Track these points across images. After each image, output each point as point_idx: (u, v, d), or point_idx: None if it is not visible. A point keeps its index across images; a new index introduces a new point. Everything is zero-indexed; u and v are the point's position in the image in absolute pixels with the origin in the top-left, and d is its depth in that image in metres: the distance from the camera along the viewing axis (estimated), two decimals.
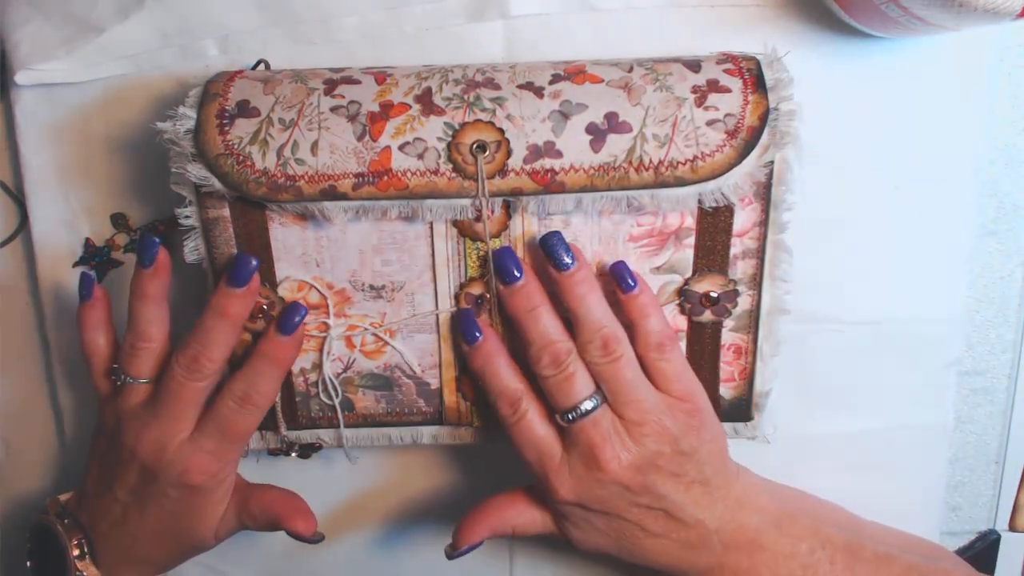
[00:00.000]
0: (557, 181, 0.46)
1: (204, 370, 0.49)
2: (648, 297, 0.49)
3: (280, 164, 0.46)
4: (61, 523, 0.53)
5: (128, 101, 0.56)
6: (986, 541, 0.63)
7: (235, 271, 0.48)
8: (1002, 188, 0.56)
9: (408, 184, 0.46)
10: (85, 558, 0.52)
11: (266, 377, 0.49)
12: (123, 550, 0.52)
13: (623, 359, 0.48)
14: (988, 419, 0.61)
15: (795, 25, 0.52)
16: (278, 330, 0.49)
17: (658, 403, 0.48)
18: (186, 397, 0.49)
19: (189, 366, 0.49)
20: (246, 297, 0.49)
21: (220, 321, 0.49)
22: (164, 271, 0.50)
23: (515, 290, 0.49)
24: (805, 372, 0.56)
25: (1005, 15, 0.40)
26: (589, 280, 0.48)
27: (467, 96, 0.47)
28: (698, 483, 0.49)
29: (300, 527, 0.52)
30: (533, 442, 0.49)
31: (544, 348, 0.48)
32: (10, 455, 0.64)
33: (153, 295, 0.50)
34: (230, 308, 0.48)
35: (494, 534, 0.52)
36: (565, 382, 0.48)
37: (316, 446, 0.55)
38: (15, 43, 0.54)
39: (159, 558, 0.54)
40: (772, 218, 0.48)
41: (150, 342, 0.50)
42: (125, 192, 0.58)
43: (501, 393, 0.49)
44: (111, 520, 0.52)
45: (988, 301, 0.58)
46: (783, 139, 0.46)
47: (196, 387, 0.49)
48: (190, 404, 0.49)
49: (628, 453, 0.47)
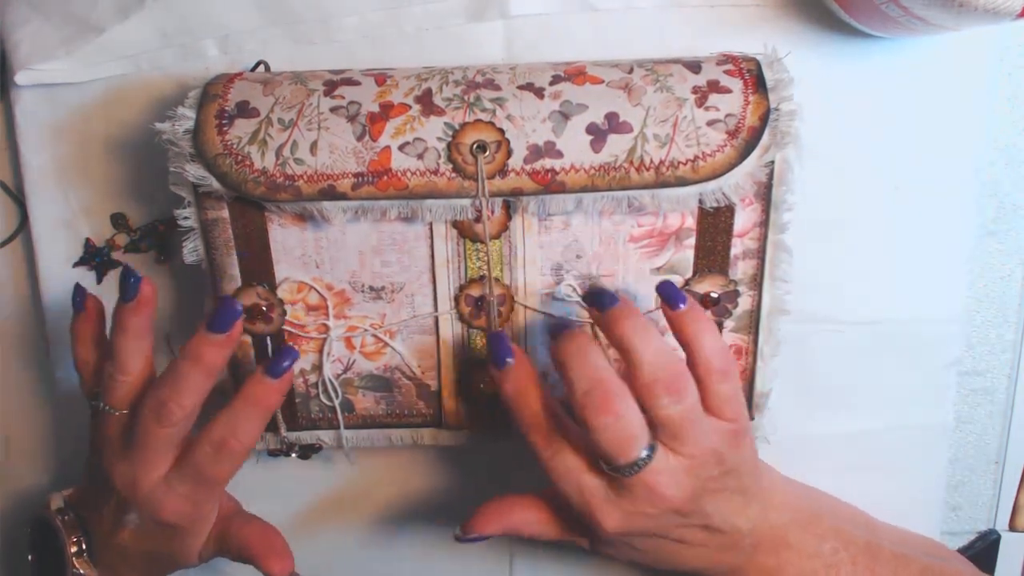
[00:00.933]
0: (557, 181, 0.46)
1: (173, 417, 0.46)
2: (700, 313, 0.46)
3: (279, 164, 0.46)
4: (61, 519, 0.52)
5: (128, 101, 0.55)
6: (986, 541, 0.63)
7: (216, 316, 0.46)
8: (1002, 188, 0.56)
9: (408, 184, 0.46)
10: (83, 555, 0.52)
11: (248, 422, 0.47)
12: (117, 554, 0.52)
13: (690, 403, 0.44)
14: (988, 419, 0.61)
15: (795, 25, 0.52)
16: (266, 373, 0.47)
17: (712, 433, 0.45)
18: (154, 443, 0.47)
19: (158, 411, 0.46)
20: (225, 345, 0.46)
21: (194, 368, 0.46)
22: (147, 305, 0.47)
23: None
24: (805, 372, 0.56)
25: (1005, 15, 0.40)
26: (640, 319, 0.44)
27: (467, 96, 0.47)
28: (738, 493, 0.48)
29: (275, 569, 0.50)
30: (572, 478, 0.45)
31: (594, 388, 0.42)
32: (10, 455, 0.64)
33: (134, 329, 0.48)
34: (206, 355, 0.46)
35: (507, 533, 0.50)
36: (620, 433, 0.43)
37: (316, 447, 0.55)
38: (15, 43, 0.54)
39: (151, 569, 0.53)
40: (772, 218, 0.48)
41: (128, 375, 0.48)
42: (125, 192, 0.58)
43: (533, 426, 0.45)
44: (103, 531, 0.52)
45: (988, 301, 0.58)
46: (784, 139, 0.46)
47: (165, 432, 0.47)
48: (159, 448, 0.47)
49: (684, 487, 0.45)
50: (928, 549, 0.56)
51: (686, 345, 0.45)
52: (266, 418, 0.48)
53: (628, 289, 0.50)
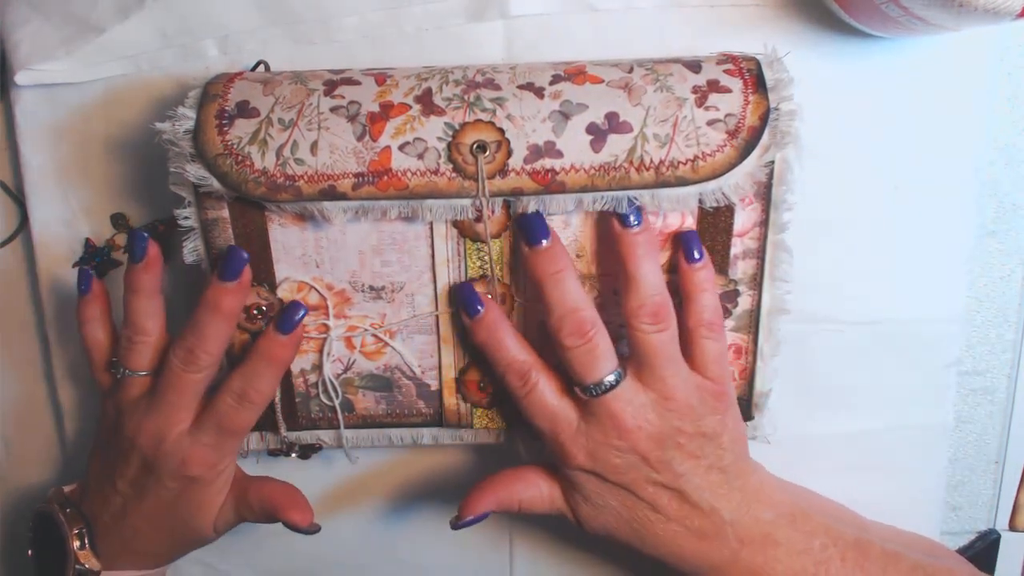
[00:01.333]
0: (557, 181, 0.46)
1: (200, 362, 0.49)
2: (710, 273, 0.48)
3: (279, 164, 0.46)
4: (63, 512, 0.53)
5: (128, 101, 0.56)
6: (986, 541, 0.63)
7: (226, 265, 0.48)
8: (1002, 188, 0.56)
9: (408, 184, 0.46)
10: (85, 548, 0.52)
11: (264, 376, 0.50)
12: (123, 542, 0.53)
13: (668, 331, 0.47)
14: (988, 419, 0.61)
15: (795, 25, 0.52)
16: (277, 329, 0.50)
17: (688, 381, 0.47)
18: (184, 389, 0.49)
19: (186, 359, 0.49)
20: (238, 291, 0.49)
21: (214, 315, 0.48)
22: (155, 264, 0.50)
23: (540, 252, 0.47)
24: (805, 372, 0.56)
25: (1005, 15, 0.40)
26: (653, 244, 0.47)
27: (467, 96, 0.47)
28: (716, 469, 0.49)
29: (297, 518, 0.52)
30: (547, 411, 0.48)
31: (567, 315, 0.46)
32: (10, 454, 0.64)
33: (146, 289, 0.50)
34: (223, 302, 0.48)
35: (500, 508, 0.51)
36: (588, 355, 0.46)
37: (316, 447, 0.55)
38: (15, 43, 0.54)
39: (159, 550, 0.54)
40: (772, 218, 0.48)
41: (147, 335, 0.51)
42: (125, 192, 0.58)
43: (509, 365, 0.48)
44: (112, 512, 0.52)
45: (988, 301, 0.58)
46: (784, 139, 0.46)
47: (193, 379, 0.49)
48: (188, 396, 0.50)
49: (649, 424, 0.47)
50: (923, 547, 0.56)
51: (685, 296, 0.48)
52: (280, 373, 0.50)
53: None
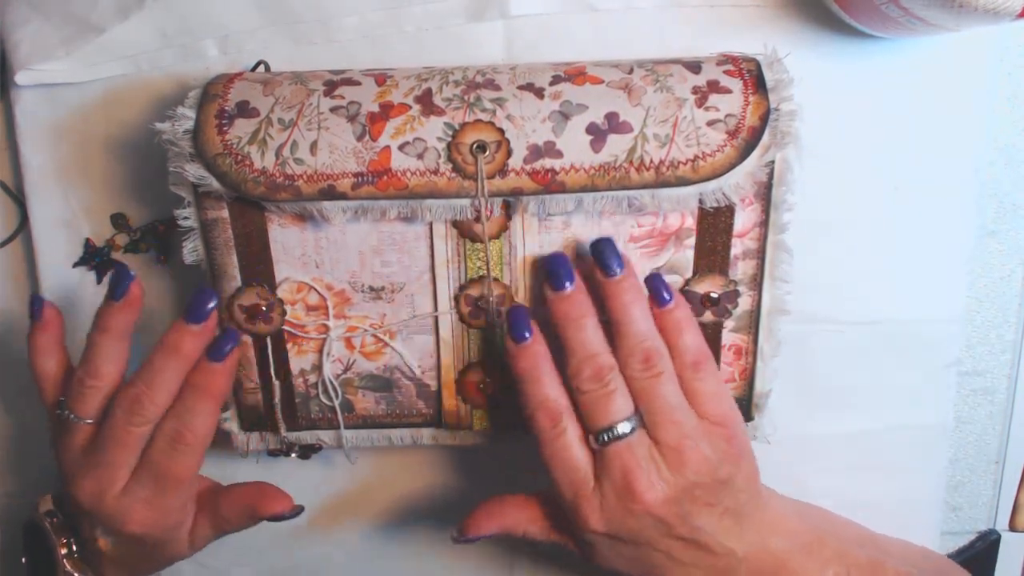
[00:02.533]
0: (557, 181, 0.46)
1: (146, 413, 0.46)
2: (684, 312, 0.47)
3: (279, 164, 0.46)
4: (50, 522, 0.52)
5: (128, 101, 0.55)
6: (986, 541, 0.63)
7: (192, 306, 0.46)
8: (1002, 188, 0.56)
9: (408, 184, 0.46)
10: (73, 557, 0.51)
11: (198, 412, 0.46)
12: (103, 559, 0.52)
13: (664, 375, 0.45)
14: (988, 419, 0.61)
15: (795, 25, 0.52)
16: (209, 358, 0.47)
17: (696, 427, 0.45)
18: (126, 443, 0.46)
19: (130, 409, 0.46)
20: (201, 336, 0.46)
21: (170, 359, 0.46)
22: (134, 307, 0.47)
23: (564, 297, 0.46)
24: (805, 372, 0.56)
25: (1005, 15, 0.40)
26: (637, 289, 0.46)
27: (467, 97, 0.47)
28: (731, 512, 0.47)
29: (277, 509, 0.50)
30: (567, 463, 0.46)
31: (586, 360, 0.45)
32: (9, 456, 0.64)
33: (117, 330, 0.47)
34: (183, 345, 0.46)
35: (503, 532, 0.49)
36: (604, 398, 0.45)
37: (316, 447, 0.55)
38: (15, 43, 0.54)
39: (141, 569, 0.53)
40: (772, 218, 0.48)
41: (100, 380, 0.47)
42: (125, 192, 0.58)
43: (542, 403, 0.46)
44: (83, 535, 0.51)
45: (988, 301, 0.58)
46: (784, 139, 0.46)
47: (136, 432, 0.46)
48: (129, 450, 0.47)
49: (665, 484, 0.45)
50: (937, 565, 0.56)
51: (666, 341, 0.47)
52: (218, 405, 0.47)
53: None
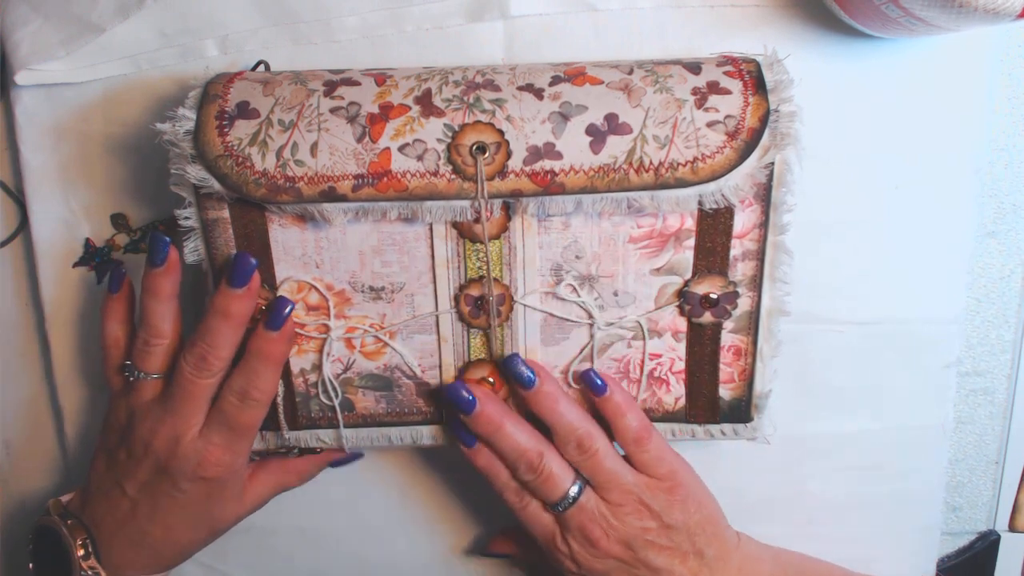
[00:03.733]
0: (557, 182, 0.46)
1: (212, 368, 0.49)
2: (620, 396, 0.52)
3: (279, 165, 0.46)
4: (64, 524, 0.53)
5: (128, 101, 0.56)
6: (986, 541, 0.63)
7: (235, 272, 0.48)
8: (1002, 188, 0.56)
9: (407, 185, 0.46)
10: (91, 557, 0.52)
11: (261, 374, 0.50)
12: (130, 545, 0.53)
13: (599, 453, 0.51)
14: (988, 419, 0.61)
15: (795, 25, 0.52)
16: (267, 327, 0.50)
17: (638, 484, 0.51)
18: (196, 394, 0.50)
19: (197, 365, 0.49)
20: (247, 297, 0.49)
21: (224, 322, 0.49)
22: (175, 269, 0.50)
23: (474, 418, 0.51)
24: (805, 373, 0.56)
25: (1005, 16, 0.40)
26: (554, 391, 0.51)
27: (467, 98, 0.47)
28: (692, 554, 0.52)
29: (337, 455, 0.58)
30: (537, 527, 0.53)
31: (518, 459, 0.51)
32: (10, 456, 0.64)
33: (165, 293, 0.50)
34: (232, 308, 0.49)
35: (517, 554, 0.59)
36: (545, 482, 0.51)
37: (318, 451, 0.56)
38: (15, 43, 0.54)
39: (169, 552, 0.54)
40: (772, 219, 0.48)
41: (162, 339, 0.51)
42: (125, 192, 0.58)
43: (506, 486, 0.52)
44: (118, 516, 0.52)
45: (988, 301, 0.58)
46: (783, 140, 0.46)
47: (205, 384, 0.50)
48: (200, 400, 0.50)
49: (615, 531, 0.51)
50: None
51: (609, 423, 0.52)
52: (278, 369, 0.51)
53: (627, 290, 0.50)
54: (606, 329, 0.51)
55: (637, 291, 0.50)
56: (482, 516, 0.62)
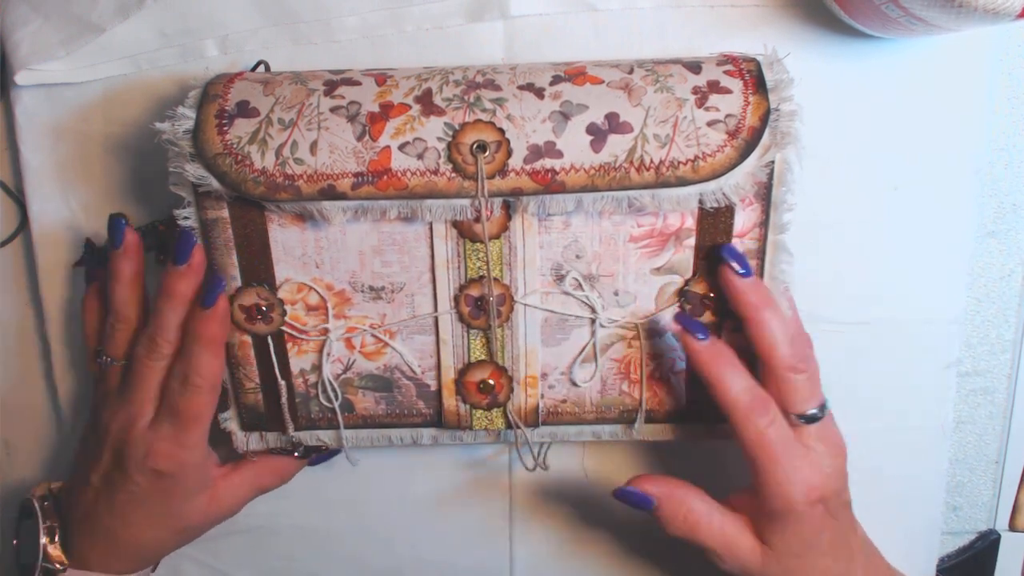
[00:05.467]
0: (557, 181, 0.46)
1: (161, 350, 0.50)
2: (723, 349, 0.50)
3: (279, 164, 0.46)
4: (41, 504, 0.53)
5: (128, 101, 0.56)
6: (986, 541, 0.63)
7: (177, 249, 0.49)
8: (1002, 188, 0.56)
9: (408, 184, 0.46)
10: (55, 543, 0.53)
11: (199, 356, 0.49)
12: (92, 538, 0.52)
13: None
14: (988, 419, 0.61)
15: (795, 25, 0.52)
16: (201, 305, 0.49)
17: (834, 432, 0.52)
18: (147, 376, 0.50)
19: (148, 347, 0.50)
20: (188, 274, 0.49)
21: (168, 301, 0.49)
22: (132, 251, 0.51)
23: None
24: None
25: (1005, 16, 0.40)
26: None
27: (467, 97, 0.47)
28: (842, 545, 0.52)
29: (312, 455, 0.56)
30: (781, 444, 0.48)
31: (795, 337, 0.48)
32: (10, 455, 0.64)
33: (126, 276, 0.51)
34: (176, 287, 0.49)
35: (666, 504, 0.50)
36: (810, 379, 0.49)
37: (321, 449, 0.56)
38: (15, 43, 0.54)
39: (133, 548, 0.53)
40: (772, 219, 0.48)
41: (125, 323, 0.51)
42: (125, 192, 0.58)
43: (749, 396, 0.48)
44: (83, 508, 0.52)
45: (988, 301, 0.58)
46: (784, 139, 0.46)
47: (155, 367, 0.50)
48: (150, 384, 0.50)
49: None
50: None
51: None
52: (218, 348, 0.50)
53: (628, 290, 0.50)
54: (608, 326, 0.51)
55: (637, 290, 0.50)
56: (482, 516, 0.62)
